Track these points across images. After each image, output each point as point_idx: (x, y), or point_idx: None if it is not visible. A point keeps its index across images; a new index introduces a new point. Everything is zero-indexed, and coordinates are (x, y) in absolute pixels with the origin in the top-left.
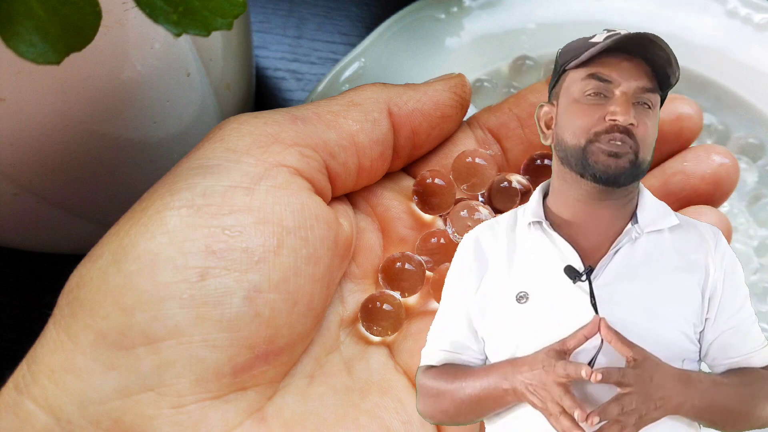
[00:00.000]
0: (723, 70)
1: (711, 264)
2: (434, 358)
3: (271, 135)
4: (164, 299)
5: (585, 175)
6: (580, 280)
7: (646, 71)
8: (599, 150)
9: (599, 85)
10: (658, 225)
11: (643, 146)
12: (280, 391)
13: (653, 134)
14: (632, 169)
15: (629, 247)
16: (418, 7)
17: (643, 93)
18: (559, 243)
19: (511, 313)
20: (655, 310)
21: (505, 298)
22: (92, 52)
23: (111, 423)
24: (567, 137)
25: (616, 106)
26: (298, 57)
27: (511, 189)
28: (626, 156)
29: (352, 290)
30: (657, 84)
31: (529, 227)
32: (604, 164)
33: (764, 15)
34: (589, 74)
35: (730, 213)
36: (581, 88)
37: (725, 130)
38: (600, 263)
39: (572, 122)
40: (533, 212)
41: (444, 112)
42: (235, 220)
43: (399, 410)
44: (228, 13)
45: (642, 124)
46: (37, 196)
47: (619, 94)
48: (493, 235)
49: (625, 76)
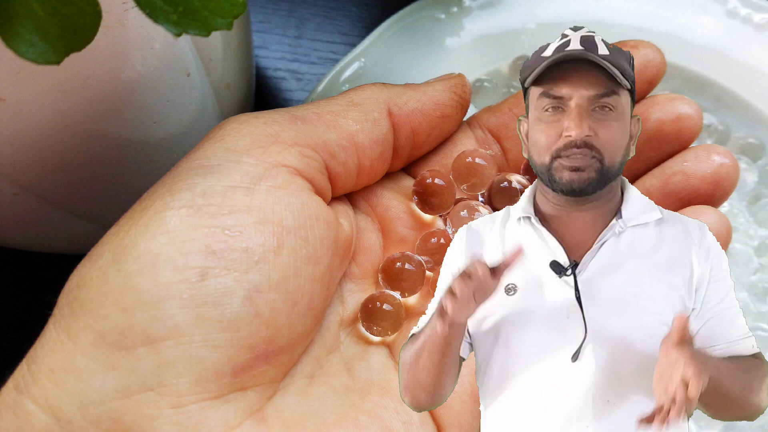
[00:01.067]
0: (723, 70)
1: (695, 257)
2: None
3: (271, 135)
4: (164, 299)
5: (555, 189)
6: (566, 274)
7: (599, 76)
8: (561, 166)
9: (553, 102)
10: (642, 219)
11: (608, 151)
12: (280, 391)
13: (620, 135)
14: (599, 176)
15: (613, 241)
16: (418, 7)
17: (599, 99)
18: (546, 237)
19: (500, 304)
20: (638, 303)
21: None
22: (92, 52)
23: (111, 423)
24: (534, 156)
25: (569, 121)
26: (298, 57)
27: (511, 189)
28: (590, 167)
29: (352, 290)
30: (615, 84)
31: (519, 222)
32: (567, 179)
33: (764, 15)
34: (541, 92)
35: (730, 213)
36: (540, 106)
37: (725, 130)
38: (584, 257)
39: (536, 141)
40: (523, 208)
41: (444, 112)
42: (235, 220)
43: (399, 410)
44: (228, 13)
45: (604, 129)
46: (37, 196)
47: (573, 106)
48: (487, 227)
49: (576, 86)
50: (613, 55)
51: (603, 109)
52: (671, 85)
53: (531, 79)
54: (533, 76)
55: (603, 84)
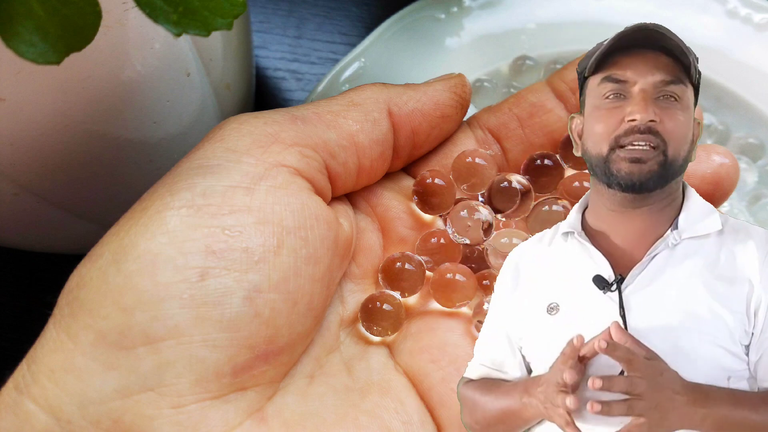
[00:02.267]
0: (723, 70)
1: (757, 275)
2: (474, 372)
3: (271, 135)
4: (164, 299)
5: (611, 185)
6: (610, 290)
7: (666, 62)
8: (620, 158)
9: (615, 87)
10: (700, 230)
11: (673, 142)
12: (280, 391)
13: (685, 128)
14: (662, 170)
15: (666, 255)
16: (418, 7)
17: (666, 86)
18: (591, 252)
19: (543, 325)
20: (689, 323)
21: (537, 309)
22: (92, 52)
23: (111, 423)
24: (589, 146)
25: (633, 105)
26: (298, 57)
27: (511, 189)
28: (653, 159)
29: (352, 290)
30: (683, 74)
31: (565, 237)
32: (627, 172)
33: (764, 15)
34: (603, 77)
35: (730, 213)
36: (600, 93)
37: (725, 130)
38: (632, 271)
39: (593, 130)
40: (569, 223)
41: (444, 112)
42: (235, 220)
43: (399, 410)
44: (228, 13)
45: (669, 118)
46: (37, 196)
47: (637, 91)
48: (536, 246)
49: (642, 71)
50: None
51: (668, 98)
52: None
53: (593, 63)
54: (596, 58)
55: (671, 70)
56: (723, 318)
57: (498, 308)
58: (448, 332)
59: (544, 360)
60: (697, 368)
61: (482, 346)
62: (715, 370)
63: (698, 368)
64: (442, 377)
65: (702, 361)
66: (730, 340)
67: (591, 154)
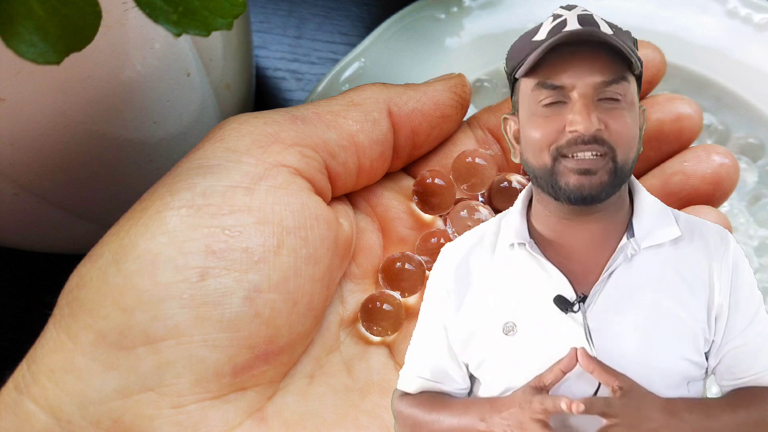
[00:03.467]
0: (723, 70)
1: (717, 280)
2: (411, 385)
3: (271, 135)
4: (164, 299)
5: (559, 198)
6: (572, 311)
7: (605, 60)
8: (568, 169)
9: (552, 93)
10: (657, 239)
11: (621, 147)
12: (280, 391)
13: (633, 128)
14: (612, 179)
15: (625, 268)
16: (418, 7)
17: (607, 87)
18: (547, 268)
19: (499, 347)
20: (654, 339)
21: (491, 328)
22: (92, 52)
23: (111, 423)
24: (529, 156)
25: (574, 114)
26: (298, 57)
27: (511, 189)
28: (603, 168)
29: (352, 290)
30: (624, 68)
31: (512, 248)
32: (576, 185)
33: (764, 15)
34: (537, 83)
35: (730, 213)
36: (535, 99)
37: (725, 130)
38: (593, 289)
39: (531, 138)
40: (516, 231)
41: (444, 112)
42: (235, 220)
43: None
44: (228, 13)
45: (614, 120)
46: (37, 196)
47: (577, 97)
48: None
49: (579, 74)
50: (618, 35)
51: (611, 100)
52: (671, 85)
53: (524, 68)
54: (528, 64)
55: (611, 69)
56: (687, 329)
57: (435, 314)
58: None
59: (500, 380)
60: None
61: (418, 356)
62: (676, 379)
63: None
64: None
65: (666, 374)
66: (694, 351)
67: (533, 164)
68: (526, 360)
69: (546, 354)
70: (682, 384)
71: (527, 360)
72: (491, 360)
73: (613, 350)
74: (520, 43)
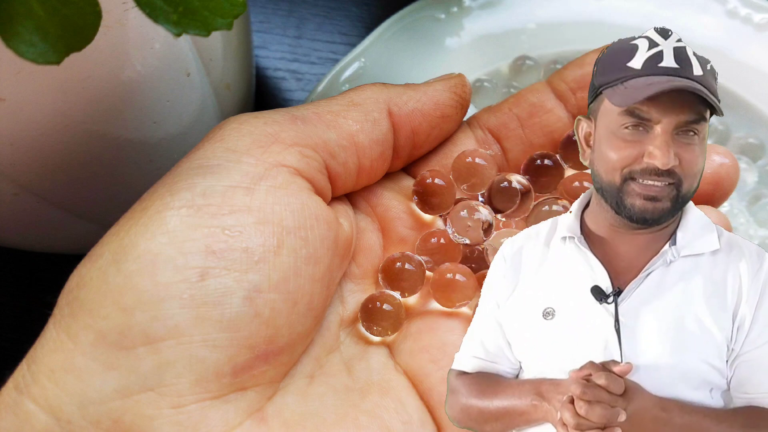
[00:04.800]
0: (723, 70)
1: (746, 292)
2: (468, 364)
3: (271, 135)
4: (164, 299)
5: (621, 215)
6: (606, 302)
7: (692, 101)
8: (635, 192)
9: (636, 121)
10: (697, 249)
11: (687, 178)
12: (280, 391)
13: (701, 161)
14: (674, 206)
15: (662, 271)
16: (418, 7)
17: (688, 125)
18: (591, 260)
19: (537, 330)
20: (680, 339)
21: (533, 312)
22: (92, 52)
23: (111, 423)
24: (601, 172)
25: (655, 148)
26: (298, 57)
27: (511, 189)
28: (667, 196)
29: (352, 290)
30: (705, 110)
31: (564, 241)
32: (640, 208)
33: (764, 15)
34: (626, 110)
35: (730, 213)
36: (618, 121)
37: (725, 130)
38: (629, 286)
39: (607, 157)
40: (569, 227)
41: (444, 112)
42: (235, 220)
43: (399, 410)
44: (228, 13)
45: (688, 154)
46: (37, 196)
47: (660, 131)
48: (531, 244)
49: (666, 110)
50: (706, 76)
51: (687, 133)
52: None
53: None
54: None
55: (694, 110)
56: (713, 335)
57: (492, 300)
58: (448, 332)
59: (538, 362)
60: (687, 382)
61: (475, 337)
62: (702, 384)
63: (687, 382)
64: (442, 377)
65: (691, 375)
66: (717, 357)
67: (602, 179)
68: (560, 344)
69: (578, 340)
70: (703, 386)
71: (560, 345)
72: (529, 342)
73: (638, 344)
74: (612, 60)
